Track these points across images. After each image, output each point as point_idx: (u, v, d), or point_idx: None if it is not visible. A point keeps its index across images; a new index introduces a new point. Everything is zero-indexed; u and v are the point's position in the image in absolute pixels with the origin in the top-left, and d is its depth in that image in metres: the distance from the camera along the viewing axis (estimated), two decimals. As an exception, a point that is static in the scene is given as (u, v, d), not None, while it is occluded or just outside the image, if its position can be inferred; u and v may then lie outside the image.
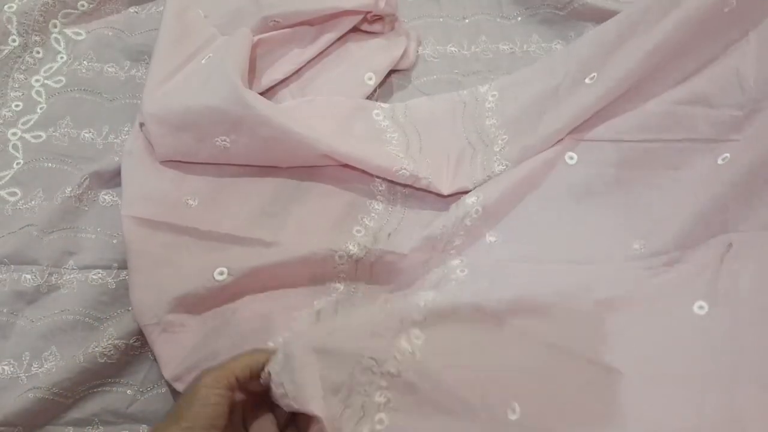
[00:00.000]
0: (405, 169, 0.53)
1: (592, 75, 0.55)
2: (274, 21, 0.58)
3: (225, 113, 0.52)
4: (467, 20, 0.67)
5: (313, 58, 0.61)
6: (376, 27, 0.62)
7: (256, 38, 0.57)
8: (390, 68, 0.61)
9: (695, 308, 0.47)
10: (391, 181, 0.55)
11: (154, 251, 0.51)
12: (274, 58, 0.60)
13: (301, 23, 0.59)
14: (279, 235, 0.52)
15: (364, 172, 0.55)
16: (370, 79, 0.60)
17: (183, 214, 0.53)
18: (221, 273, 0.49)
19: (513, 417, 0.42)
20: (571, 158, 0.54)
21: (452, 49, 0.65)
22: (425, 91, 0.62)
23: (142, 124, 0.55)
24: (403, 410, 0.42)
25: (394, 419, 0.42)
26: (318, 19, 0.59)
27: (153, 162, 0.55)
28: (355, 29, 0.61)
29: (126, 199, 0.53)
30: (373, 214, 0.55)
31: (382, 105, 0.59)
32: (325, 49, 0.61)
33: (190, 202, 0.54)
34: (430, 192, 0.55)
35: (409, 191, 0.56)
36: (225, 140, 0.53)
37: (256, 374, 0.43)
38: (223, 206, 0.54)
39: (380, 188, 0.56)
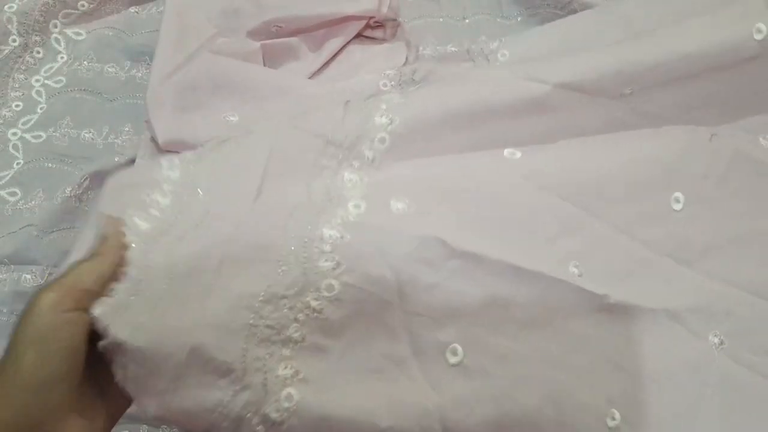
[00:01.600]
0: None
1: None
2: (277, 26, 0.58)
3: (233, 89, 0.53)
4: (467, 20, 0.66)
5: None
6: (378, 33, 0.62)
7: (259, 44, 0.57)
8: (391, 74, 0.61)
9: None
10: None
11: None
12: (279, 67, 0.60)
13: (304, 29, 0.59)
14: None
15: None
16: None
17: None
18: None
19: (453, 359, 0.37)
20: None
21: (452, 49, 0.65)
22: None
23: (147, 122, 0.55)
24: (316, 380, 0.36)
25: (305, 393, 0.35)
26: (320, 24, 0.59)
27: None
28: (357, 35, 0.61)
29: None
30: None
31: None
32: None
33: None
34: None
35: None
36: (233, 116, 0.53)
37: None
38: None
39: None
